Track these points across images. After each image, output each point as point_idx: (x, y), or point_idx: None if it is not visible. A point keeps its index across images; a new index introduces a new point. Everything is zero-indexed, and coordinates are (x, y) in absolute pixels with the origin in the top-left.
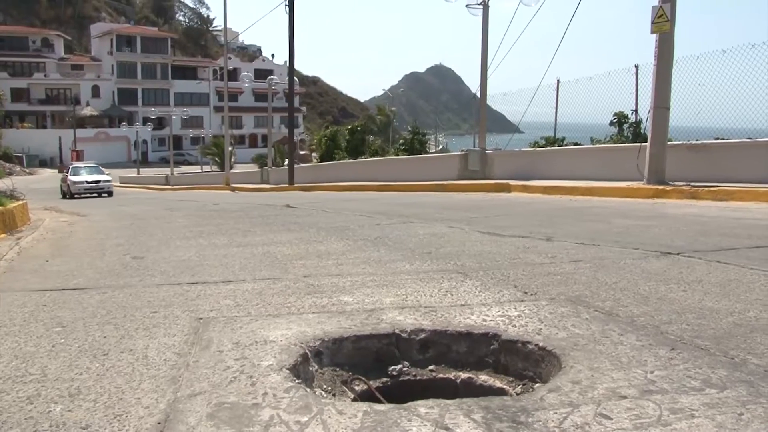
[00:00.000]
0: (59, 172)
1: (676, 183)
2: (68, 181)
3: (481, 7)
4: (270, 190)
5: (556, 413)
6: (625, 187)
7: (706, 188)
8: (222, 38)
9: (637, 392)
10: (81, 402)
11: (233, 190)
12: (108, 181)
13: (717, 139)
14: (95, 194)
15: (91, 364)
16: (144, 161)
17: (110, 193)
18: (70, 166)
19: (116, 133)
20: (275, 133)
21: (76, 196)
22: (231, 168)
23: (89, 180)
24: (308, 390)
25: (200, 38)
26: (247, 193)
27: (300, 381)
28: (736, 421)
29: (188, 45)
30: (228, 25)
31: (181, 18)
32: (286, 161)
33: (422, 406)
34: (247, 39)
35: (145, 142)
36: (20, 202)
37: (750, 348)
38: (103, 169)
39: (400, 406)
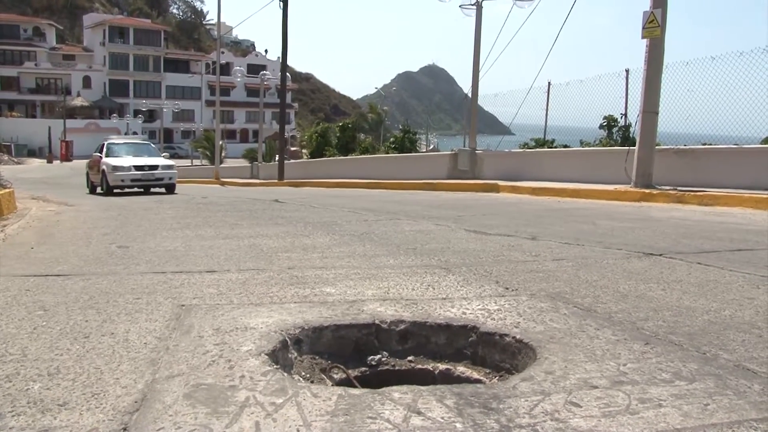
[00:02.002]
0: (48, 162)
1: (663, 187)
2: (103, 168)
3: (474, 7)
4: (260, 185)
5: (527, 401)
6: (613, 190)
7: (692, 193)
8: (215, 32)
9: (608, 383)
10: (60, 381)
11: (223, 184)
12: (169, 167)
13: (704, 144)
14: (149, 188)
15: (72, 345)
16: None
17: (171, 188)
18: (105, 143)
19: (107, 125)
20: (266, 129)
21: (117, 190)
22: (221, 162)
23: (139, 165)
24: (285, 374)
25: (193, 32)
26: (237, 188)
27: (278, 367)
28: (701, 410)
29: (181, 38)
30: (222, 20)
31: (174, 11)
32: (277, 157)
33: (396, 392)
34: (240, 34)
35: (135, 134)
36: (7, 191)
37: (722, 344)
38: (155, 148)
39: (375, 390)
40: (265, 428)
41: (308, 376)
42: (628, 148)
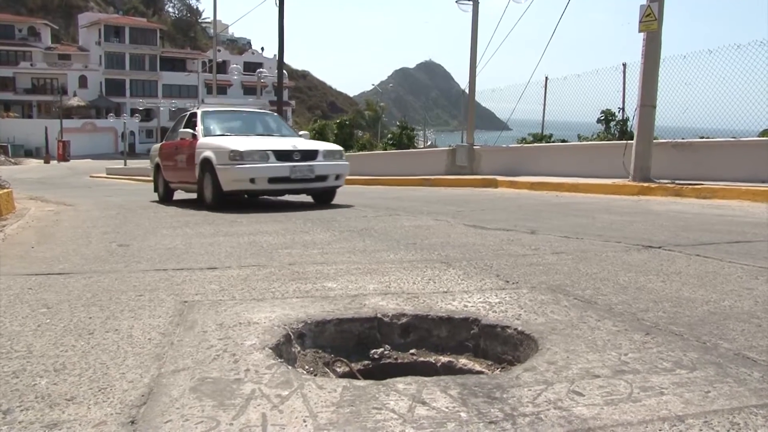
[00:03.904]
0: (45, 162)
1: (661, 180)
2: (206, 156)
3: (470, 3)
4: None
5: (530, 390)
6: (611, 184)
7: (690, 186)
8: (211, 30)
9: (610, 372)
10: (66, 376)
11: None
12: (333, 155)
13: (702, 138)
14: (299, 194)
15: (77, 342)
16: (131, 153)
17: (330, 195)
18: (198, 112)
19: (103, 124)
20: None
21: (233, 197)
22: None
23: (283, 151)
24: (290, 367)
25: (189, 30)
26: None
27: (282, 360)
28: (702, 397)
29: (177, 36)
30: (217, 17)
31: (170, 9)
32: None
33: (401, 383)
34: (236, 32)
35: (132, 133)
36: (5, 191)
37: (722, 334)
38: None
39: (379, 382)
40: (271, 420)
41: (312, 369)
42: (626, 142)
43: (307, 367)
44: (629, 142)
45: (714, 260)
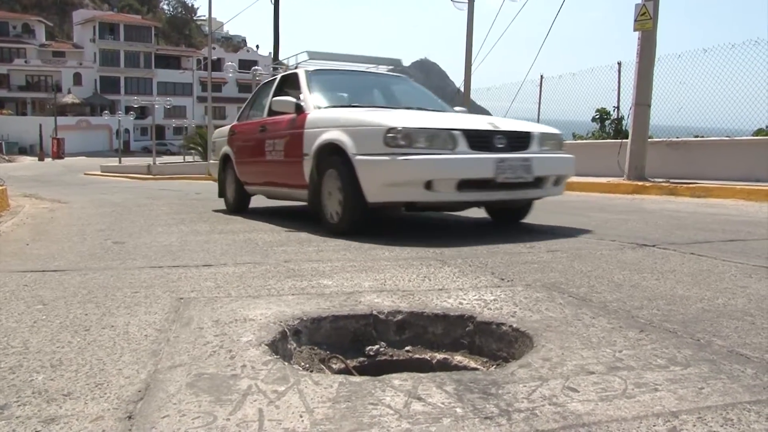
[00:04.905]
0: (39, 160)
1: (656, 179)
2: (333, 142)
3: (466, 2)
4: None
5: (525, 386)
6: (605, 183)
7: (685, 185)
8: (206, 28)
9: (604, 368)
10: (63, 372)
11: (216, 180)
12: (551, 139)
13: (697, 137)
14: (498, 206)
15: (73, 338)
16: (126, 150)
17: (526, 209)
18: (301, 71)
19: (98, 122)
20: None
21: (379, 210)
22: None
23: (483, 132)
24: (286, 364)
25: (184, 27)
26: None
27: (278, 356)
28: (696, 394)
29: (172, 34)
30: (213, 15)
31: (165, 7)
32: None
33: (396, 379)
34: (231, 29)
35: (127, 131)
36: None
37: (716, 331)
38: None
39: (375, 378)
40: (268, 415)
41: (308, 366)
42: (620, 140)
43: (303, 363)
44: (624, 140)
45: (708, 258)
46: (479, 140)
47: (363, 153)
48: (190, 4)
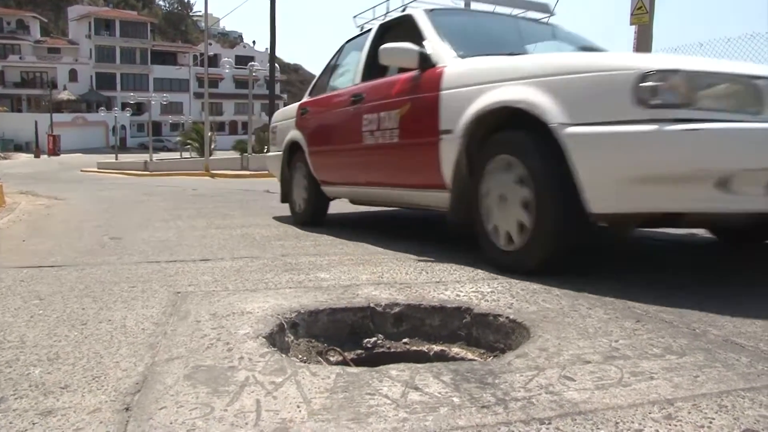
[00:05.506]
0: (35, 157)
1: None
2: (532, 108)
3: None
4: (250, 177)
5: (522, 375)
6: None
7: None
8: (203, 24)
9: (601, 358)
10: (60, 365)
11: (213, 176)
12: None
13: None
14: None
15: (70, 332)
16: (122, 147)
17: None
18: (417, 12)
19: (94, 118)
20: (256, 120)
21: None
22: (211, 154)
23: None
24: (283, 355)
25: (180, 23)
26: (227, 179)
27: (276, 348)
28: (691, 382)
29: (168, 30)
30: (209, 11)
31: (161, 2)
32: (266, 148)
33: (393, 369)
34: (228, 25)
35: (123, 127)
36: None
37: (712, 321)
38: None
39: (372, 369)
40: (266, 405)
41: (305, 358)
42: None
43: (300, 355)
44: None
45: (701, 249)
46: None
47: (582, 121)
48: (186, 0)
